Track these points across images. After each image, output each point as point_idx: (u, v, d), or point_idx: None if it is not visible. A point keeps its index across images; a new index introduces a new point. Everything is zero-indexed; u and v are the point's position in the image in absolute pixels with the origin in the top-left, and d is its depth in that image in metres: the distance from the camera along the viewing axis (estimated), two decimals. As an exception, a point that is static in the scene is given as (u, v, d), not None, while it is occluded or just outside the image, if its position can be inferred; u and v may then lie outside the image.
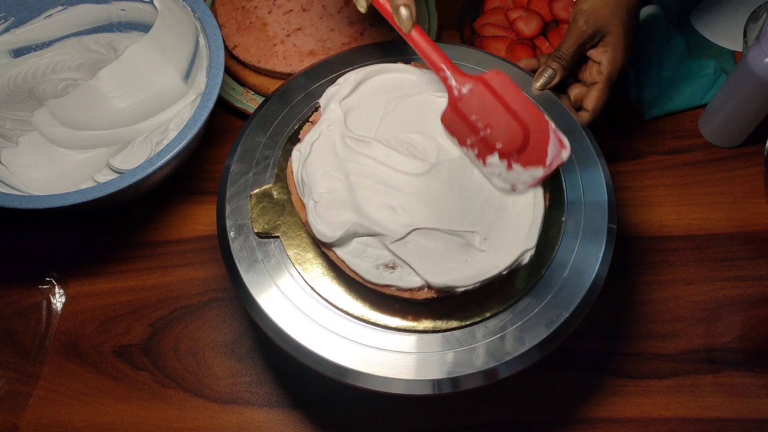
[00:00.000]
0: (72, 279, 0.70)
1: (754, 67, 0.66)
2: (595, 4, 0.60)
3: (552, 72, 0.60)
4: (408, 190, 0.52)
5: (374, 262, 0.49)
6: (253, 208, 0.55)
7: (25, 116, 0.73)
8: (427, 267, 0.49)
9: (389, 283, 0.49)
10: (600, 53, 0.61)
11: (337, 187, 0.51)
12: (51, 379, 0.65)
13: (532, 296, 0.52)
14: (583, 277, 0.53)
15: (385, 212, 0.50)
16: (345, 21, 0.79)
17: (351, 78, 0.56)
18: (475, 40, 0.81)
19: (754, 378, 0.65)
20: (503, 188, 0.51)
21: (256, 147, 0.58)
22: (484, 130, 0.50)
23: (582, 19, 0.60)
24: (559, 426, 0.63)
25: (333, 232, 0.49)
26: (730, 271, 0.69)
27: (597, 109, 0.62)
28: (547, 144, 0.48)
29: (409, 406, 0.64)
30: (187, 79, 0.74)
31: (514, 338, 0.51)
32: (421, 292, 0.50)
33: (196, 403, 0.64)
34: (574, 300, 0.52)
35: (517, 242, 0.49)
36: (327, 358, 0.50)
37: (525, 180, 0.50)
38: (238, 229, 0.55)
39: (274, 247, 0.55)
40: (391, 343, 0.51)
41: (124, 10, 0.76)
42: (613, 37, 0.60)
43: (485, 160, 0.50)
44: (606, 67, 0.61)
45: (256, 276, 0.53)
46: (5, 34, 0.74)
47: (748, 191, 0.74)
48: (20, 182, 0.68)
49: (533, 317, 0.52)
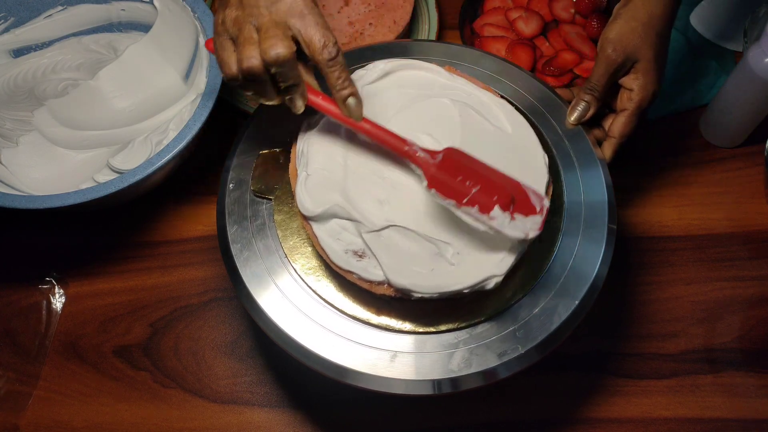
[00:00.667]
0: (72, 279, 0.70)
1: (754, 67, 0.66)
2: (622, 32, 0.57)
3: (585, 105, 0.58)
4: (399, 187, 0.52)
5: (345, 247, 0.50)
6: (257, 167, 0.57)
7: (25, 116, 0.73)
8: (392, 264, 0.49)
9: (353, 270, 0.50)
10: (631, 80, 0.58)
11: (332, 167, 0.52)
12: (51, 379, 0.65)
13: (532, 296, 0.52)
14: (583, 277, 0.53)
15: (371, 203, 0.51)
16: (345, 21, 0.79)
17: (379, 67, 0.57)
18: (475, 40, 0.81)
19: (754, 378, 0.65)
20: (518, 237, 0.49)
21: (278, 112, 0.58)
22: (474, 187, 0.49)
23: (610, 48, 0.57)
24: (559, 426, 0.63)
25: (315, 207, 0.50)
26: (730, 271, 0.69)
27: (623, 136, 0.59)
28: (527, 196, 0.50)
29: (409, 406, 0.64)
30: (187, 79, 0.74)
31: (515, 338, 0.51)
32: (381, 287, 0.50)
33: (196, 403, 0.64)
34: (573, 300, 0.52)
35: (488, 266, 0.49)
36: (327, 358, 0.50)
37: (531, 227, 0.50)
38: (237, 184, 0.57)
39: (264, 209, 0.56)
40: (392, 343, 0.51)
41: (124, 10, 0.76)
42: (644, 62, 0.57)
43: (490, 213, 0.49)
44: (637, 93, 0.58)
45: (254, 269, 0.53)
46: (5, 34, 0.74)
47: (748, 191, 0.74)
48: (20, 182, 0.68)
49: (533, 317, 0.52)
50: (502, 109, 0.57)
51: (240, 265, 0.54)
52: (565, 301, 0.52)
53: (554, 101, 0.61)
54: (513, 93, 0.61)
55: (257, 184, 0.56)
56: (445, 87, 0.58)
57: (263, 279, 0.53)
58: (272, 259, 0.54)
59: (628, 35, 0.57)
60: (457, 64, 0.62)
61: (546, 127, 0.60)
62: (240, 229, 0.55)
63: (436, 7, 0.83)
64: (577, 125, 0.59)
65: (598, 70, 0.58)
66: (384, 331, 0.51)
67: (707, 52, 0.82)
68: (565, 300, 0.52)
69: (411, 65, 0.58)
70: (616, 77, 0.59)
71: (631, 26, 0.57)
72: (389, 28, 0.78)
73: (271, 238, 0.55)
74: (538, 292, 0.53)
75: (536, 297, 0.52)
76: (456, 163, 0.51)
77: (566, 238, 0.55)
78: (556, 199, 0.56)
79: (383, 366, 0.50)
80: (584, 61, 0.79)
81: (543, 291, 0.53)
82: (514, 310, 0.52)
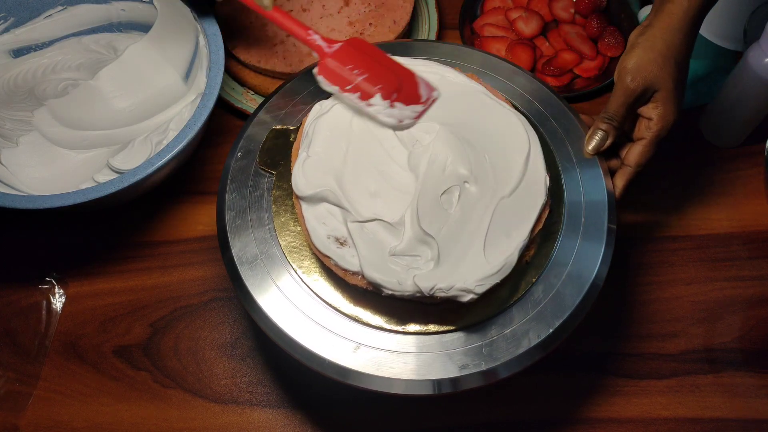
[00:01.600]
0: (72, 279, 0.70)
1: (754, 67, 0.66)
2: (641, 62, 0.56)
3: (603, 134, 0.57)
4: (394, 184, 0.52)
5: (328, 232, 0.51)
6: (267, 140, 0.58)
7: (25, 116, 0.73)
8: (370, 257, 0.49)
9: (330, 256, 0.50)
10: (651, 109, 0.57)
11: (333, 153, 0.53)
12: (51, 379, 0.65)
13: (531, 296, 0.52)
14: (583, 277, 0.53)
15: (363, 194, 0.52)
16: (345, 21, 0.79)
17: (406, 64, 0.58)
18: (475, 40, 0.81)
19: (754, 378, 0.65)
20: (390, 123, 0.54)
21: (301, 91, 0.61)
22: (360, 76, 0.55)
23: (629, 78, 0.56)
24: (559, 426, 0.63)
25: (307, 188, 0.52)
26: (730, 271, 0.69)
27: (640, 165, 0.58)
28: (417, 87, 0.56)
29: (409, 406, 0.64)
30: (187, 79, 0.74)
31: (515, 338, 0.51)
32: (354, 278, 0.50)
33: (196, 403, 0.64)
34: (574, 300, 0.52)
35: (467, 280, 0.49)
36: (327, 358, 0.50)
37: (408, 115, 0.55)
38: (246, 153, 0.58)
39: (265, 182, 0.57)
40: (392, 343, 0.51)
41: (124, 10, 0.76)
42: (663, 92, 0.56)
43: (369, 101, 0.54)
44: (656, 123, 0.57)
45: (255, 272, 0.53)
46: (5, 34, 0.74)
47: (748, 191, 0.74)
48: (20, 182, 0.68)
49: (533, 317, 0.52)
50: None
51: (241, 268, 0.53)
52: (566, 301, 0.52)
53: (554, 101, 0.61)
54: (513, 93, 0.61)
55: (264, 157, 0.57)
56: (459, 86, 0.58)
57: (263, 279, 0.53)
58: (261, 231, 0.55)
59: (647, 65, 0.56)
60: (457, 64, 0.62)
61: (546, 127, 0.60)
62: (238, 197, 0.56)
63: (436, 7, 0.83)
64: (594, 155, 0.58)
65: (616, 99, 0.57)
66: (384, 331, 0.51)
67: (707, 52, 0.82)
68: (565, 300, 0.52)
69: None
70: (635, 107, 0.58)
71: (650, 57, 0.56)
72: (389, 28, 0.78)
73: (266, 211, 0.56)
74: (539, 291, 0.53)
75: (536, 297, 0.52)
76: (352, 53, 0.57)
77: (566, 239, 0.55)
78: (556, 198, 0.56)
79: (383, 366, 0.50)
80: (584, 61, 0.80)
81: (543, 290, 0.53)
82: (516, 309, 0.52)
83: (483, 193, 0.52)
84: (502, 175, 0.53)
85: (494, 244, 0.50)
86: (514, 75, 0.62)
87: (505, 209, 0.52)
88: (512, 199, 0.52)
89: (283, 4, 0.79)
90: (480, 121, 0.56)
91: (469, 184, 0.52)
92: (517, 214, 0.52)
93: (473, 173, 0.52)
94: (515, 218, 0.52)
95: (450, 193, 0.52)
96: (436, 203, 0.51)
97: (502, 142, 0.55)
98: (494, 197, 0.52)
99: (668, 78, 0.56)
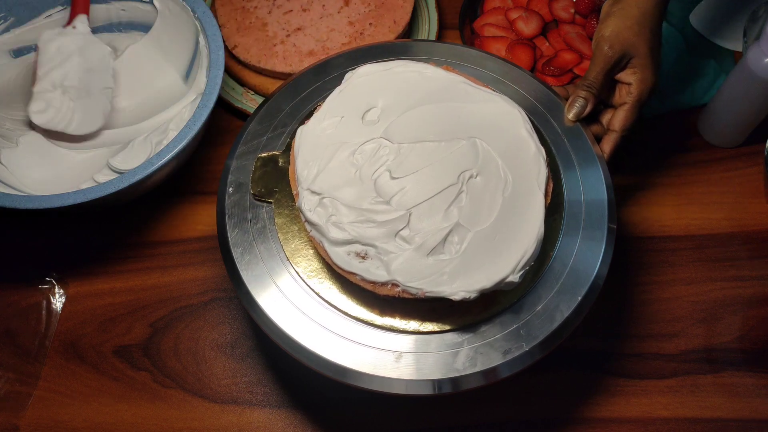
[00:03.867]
0: (72, 279, 0.70)
1: (754, 67, 0.66)
2: (617, 29, 0.58)
3: (583, 101, 0.59)
4: (408, 198, 0.52)
5: (348, 249, 0.50)
6: (256, 170, 0.57)
7: (25, 116, 0.73)
8: (406, 267, 0.49)
9: (355, 271, 0.50)
10: (629, 75, 0.60)
11: (340, 184, 0.52)
12: (51, 379, 0.65)
13: (531, 296, 0.52)
14: (582, 277, 0.53)
15: (386, 230, 0.51)
16: (345, 21, 0.79)
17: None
18: (475, 40, 0.81)
19: (754, 378, 0.65)
20: None
21: (277, 113, 0.60)
22: None
23: (606, 45, 0.58)
24: (559, 426, 0.63)
25: (339, 235, 0.50)
26: (730, 271, 0.69)
27: (624, 129, 0.60)
28: None
29: (409, 406, 0.64)
30: (187, 79, 0.74)
31: (514, 338, 0.51)
32: (384, 288, 0.50)
33: (196, 403, 0.64)
34: (574, 300, 0.52)
35: (504, 271, 0.49)
36: (327, 358, 0.50)
37: None
38: (237, 187, 0.57)
39: (264, 212, 0.56)
40: (392, 343, 0.51)
41: (124, 10, 0.76)
42: (640, 58, 0.59)
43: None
44: (636, 87, 0.59)
45: (254, 270, 0.53)
46: (5, 34, 0.74)
47: (748, 191, 0.74)
48: (20, 182, 0.68)
49: (533, 317, 0.52)
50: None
51: (241, 269, 0.54)
52: (566, 301, 0.52)
53: (554, 101, 0.61)
54: (513, 93, 0.61)
55: (257, 188, 0.56)
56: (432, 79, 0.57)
57: (264, 280, 0.53)
58: (274, 261, 0.54)
59: (623, 32, 0.58)
60: (457, 64, 0.62)
61: (546, 127, 0.60)
62: (241, 232, 0.55)
63: (436, 7, 0.83)
64: (576, 122, 0.60)
65: (595, 67, 0.59)
66: (384, 331, 0.51)
67: (706, 52, 0.82)
68: (565, 299, 0.52)
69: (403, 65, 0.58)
70: (612, 74, 0.60)
71: (626, 24, 0.58)
72: (389, 28, 0.78)
73: (272, 241, 0.55)
74: (539, 290, 0.53)
75: (536, 296, 0.52)
76: None
77: (566, 238, 0.55)
78: (556, 198, 0.56)
79: (384, 366, 0.50)
80: (584, 61, 0.79)
81: (544, 290, 0.53)
82: (516, 308, 0.52)
83: (488, 182, 0.52)
84: (508, 155, 0.53)
85: (511, 226, 0.51)
86: (514, 75, 0.62)
87: (515, 189, 0.52)
88: (516, 179, 0.52)
89: (282, 4, 0.79)
90: (471, 109, 0.56)
91: (476, 176, 0.52)
92: (526, 194, 0.52)
93: (479, 165, 0.52)
94: (526, 198, 0.52)
95: (459, 189, 0.52)
96: (444, 203, 0.51)
97: (497, 125, 0.55)
98: (500, 183, 0.52)
99: (644, 44, 0.59)
